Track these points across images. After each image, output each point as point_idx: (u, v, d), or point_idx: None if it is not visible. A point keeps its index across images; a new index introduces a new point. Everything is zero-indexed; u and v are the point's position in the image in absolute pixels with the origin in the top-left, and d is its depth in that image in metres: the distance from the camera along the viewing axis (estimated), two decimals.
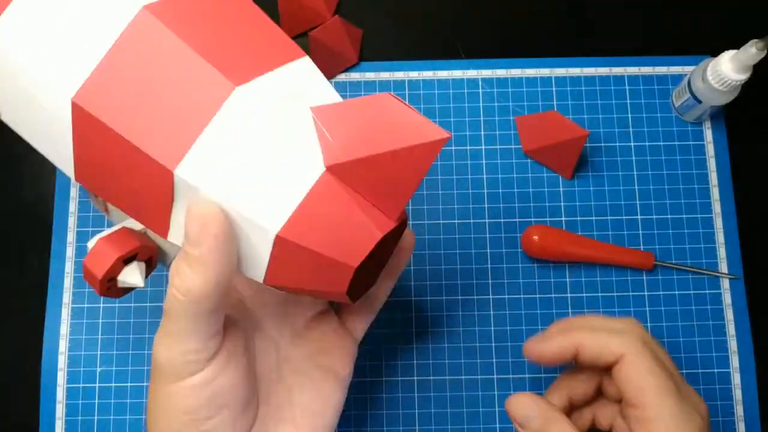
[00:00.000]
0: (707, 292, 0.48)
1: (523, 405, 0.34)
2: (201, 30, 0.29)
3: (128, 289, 0.34)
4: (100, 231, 0.47)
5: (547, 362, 0.35)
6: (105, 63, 0.28)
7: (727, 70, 0.44)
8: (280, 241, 0.28)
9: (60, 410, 0.46)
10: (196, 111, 0.28)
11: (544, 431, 0.33)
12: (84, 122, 0.28)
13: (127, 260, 0.32)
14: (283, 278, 0.30)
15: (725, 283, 0.49)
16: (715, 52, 0.53)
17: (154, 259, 0.35)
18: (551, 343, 0.35)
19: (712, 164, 0.50)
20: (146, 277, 0.34)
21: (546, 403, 0.34)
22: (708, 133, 0.51)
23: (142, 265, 0.33)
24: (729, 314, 0.48)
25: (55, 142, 0.30)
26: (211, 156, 0.27)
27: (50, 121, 0.29)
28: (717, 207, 0.50)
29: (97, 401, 0.47)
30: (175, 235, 0.30)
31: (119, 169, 0.29)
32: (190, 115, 0.28)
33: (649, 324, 0.48)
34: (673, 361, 0.35)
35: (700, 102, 0.47)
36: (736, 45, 0.44)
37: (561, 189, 0.50)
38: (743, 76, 0.44)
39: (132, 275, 0.33)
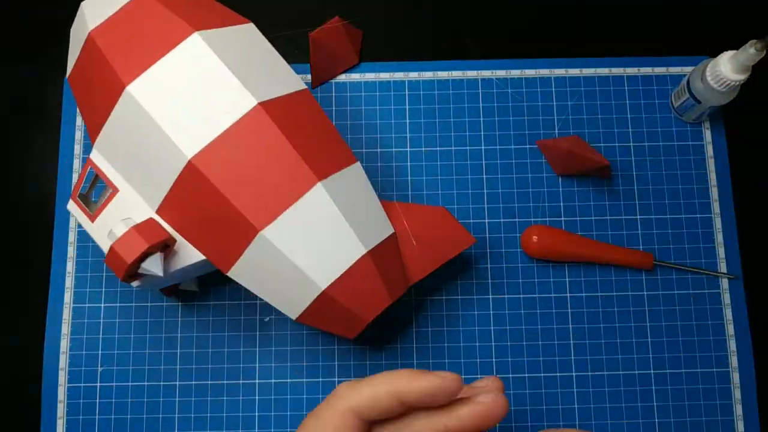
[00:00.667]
0: (706, 291, 0.48)
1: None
2: (295, 129, 0.40)
3: (139, 277, 0.40)
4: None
5: None
6: (221, 138, 0.39)
7: (726, 70, 0.44)
8: (323, 295, 0.40)
9: (61, 409, 0.47)
10: (286, 191, 0.39)
11: None
12: (190, 177, 0.39)
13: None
14: (312, 319, 0.41)
15: (724, 283, 0.49)
16: (714, 53, 0.53)
17: (170, 250, 0.41)
18: None
19: (711, 164, 0.51)
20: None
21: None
22: (707, 134, 0.51)
23: (161, 255, 0.39)
24: (728, 314, 0.48)
25: (149, 185, 0.40)
26: (291, 226, 0.39)
27: (159, 172, 0.40)
28: (716, 207, 0.50)
29: (98, 401, 0.47)
30: (235, 273, 0.40)
31: (207, 216, 0.39)
32: (281, 194, 0.39)
33: (648, 324, 0.48)
34: None
35: (699, 102, 0.47)
36: (736, 45, 0.44)
37: (561, 189, 0.50)
38: (742, 77, 0.44)
39: (155, 264, 0.39)
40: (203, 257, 0.41)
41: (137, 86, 0.39)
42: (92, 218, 0.42)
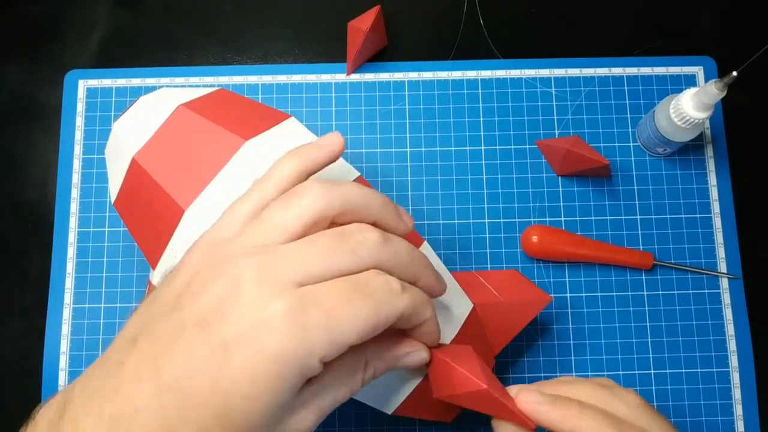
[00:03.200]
0: (706, 291, 0.48)
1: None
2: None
3: None
4: (99, 230, 0.47)
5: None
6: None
7: (688, 108, 0.43)
8: (420, 386, 0.37)
9: None
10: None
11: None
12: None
13: None
14: (406, 411, 0.38)
15: (724, 283, 0.49)
16: (714, 53, 0.53)
17: None
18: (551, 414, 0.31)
19: (710, 164, 0.50)
20: None
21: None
22: (707, 133, 0.51)
23: None
24: (728, 314, 0.48)
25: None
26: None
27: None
28: (716, 207, 0.50)
29: None
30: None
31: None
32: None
33: (648, 324, 0.48)
34: None
35: (664, 138, 0.47)
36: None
37: (560, 189, 0.50)
38: (704, 115, 0.43)
39: None
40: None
41: (196, 209, 0.37)
42: None
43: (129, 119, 0.41)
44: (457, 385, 0.33)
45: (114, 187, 0.42)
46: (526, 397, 0.31)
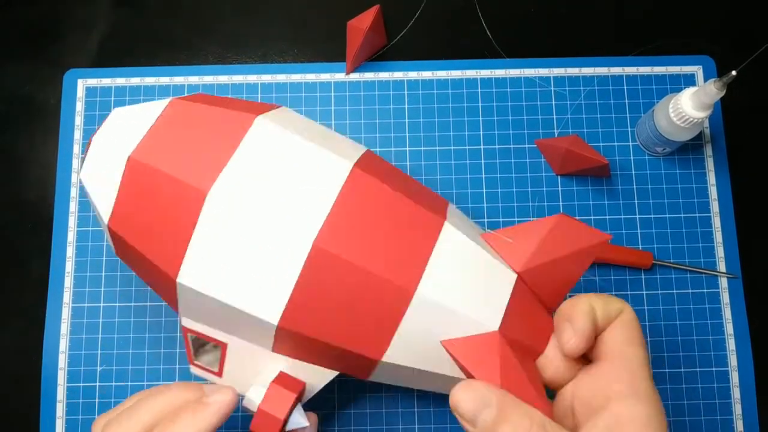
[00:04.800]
0: (705, 291, 0.49)
1: (474, 396, 0.29)
2: (392, 181, 0.36)
3: None
4: (98, 230, 0.47)
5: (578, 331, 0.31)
6: (334, 211, 0.34)
7: (687, 107, 0.43)
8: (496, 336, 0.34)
9: (60, 409, 0.47)
10: (420, 241, 0.34)
11: (500, 422, 0.28)
12: (318, 261, 0.33)
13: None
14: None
15: (723, 282, 0.49)
16: (713, 52, 0.53)
17: (303, 393, 0.37)
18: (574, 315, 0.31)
19: (710, 163, 0.51)
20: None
21: (501, 390, 0.30)
22: (706, 133, 0.51)
23: (300, 404, 0.36)
24: (727, 313, 0.48)
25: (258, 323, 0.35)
26: (440, 275, 0.34)
27: (276, 268, 0.34)
28: (715, 206, 0.50)
29: (97, 400, 0.47)
30: (391, 357, 0.34)
31: (339, 311, 0.34)
32: (416, 245, 0.34)
33: (647, 323, 0.48)
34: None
35: (663, 138, 0.47)
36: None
37: (559, 188, 0.50)
38: (703, 114, 0.43)
39: (299, 415, 0.36)
40: (336, 373, 0.37)
41: (218, 190, 0.34)
42: (220, 374, 0.38)
43: (107, 130, 0.38)
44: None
45: (105, 208, 0.37)
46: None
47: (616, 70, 0.52)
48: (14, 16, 0.54)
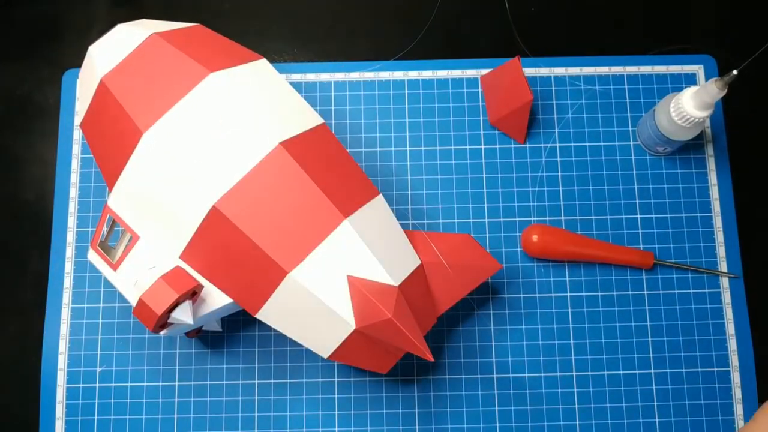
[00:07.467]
0: (707, 290, 0.48)
1: None
2: (317, 166, 0.39)
3: (167, 326, 0.39)
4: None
5: None
6: (244, 181, 0.38)
7: (688, 106, 0.43)
8: (355, 333, 0.39)
9: (60, 410, 0.46)
10: (313, 231, 0.38)
11: None
12: (215, 222, 0.38)
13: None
14: (345, 357, 0.40)
15: (725, 282, 0.49)
16: (714, 52, 0.53)
17: (198, 296, 0.40)
18: None
19: (711, 163, 0.50)
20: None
21: None
22: (707, 132, 0.51)
23: (190, 303, 0.39)
24: (728, 313, 0.48)
25: (171, 231, 0.39)
26: (319, 266, 0.38)
27: (181, 217, 0.39)
28: (716, 206, 0.50)
29: (96, 401, 0.47)
30: (264, 314, 0.39)
31: (234, 260, 0.38)
32: (308, 234, 0.38)
33: (648, 323, 0.48)
34: None
35: (664, 137, 0.47)
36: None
37: (560, 188, 0.50)
38: (704, 114, 0.43)
39: (184, 313, 0.38)
40: (231, 300, 0.40)
41: (154, 132, 0.39)
42: (114, 266, 0.40)
43: (104, 43, 0.42)
44: (369, 315, 0.37)
45: (83, 107, 0.43)
46: None
47: (617, 70, 0.52)
48: (13, 17, 0.54)
